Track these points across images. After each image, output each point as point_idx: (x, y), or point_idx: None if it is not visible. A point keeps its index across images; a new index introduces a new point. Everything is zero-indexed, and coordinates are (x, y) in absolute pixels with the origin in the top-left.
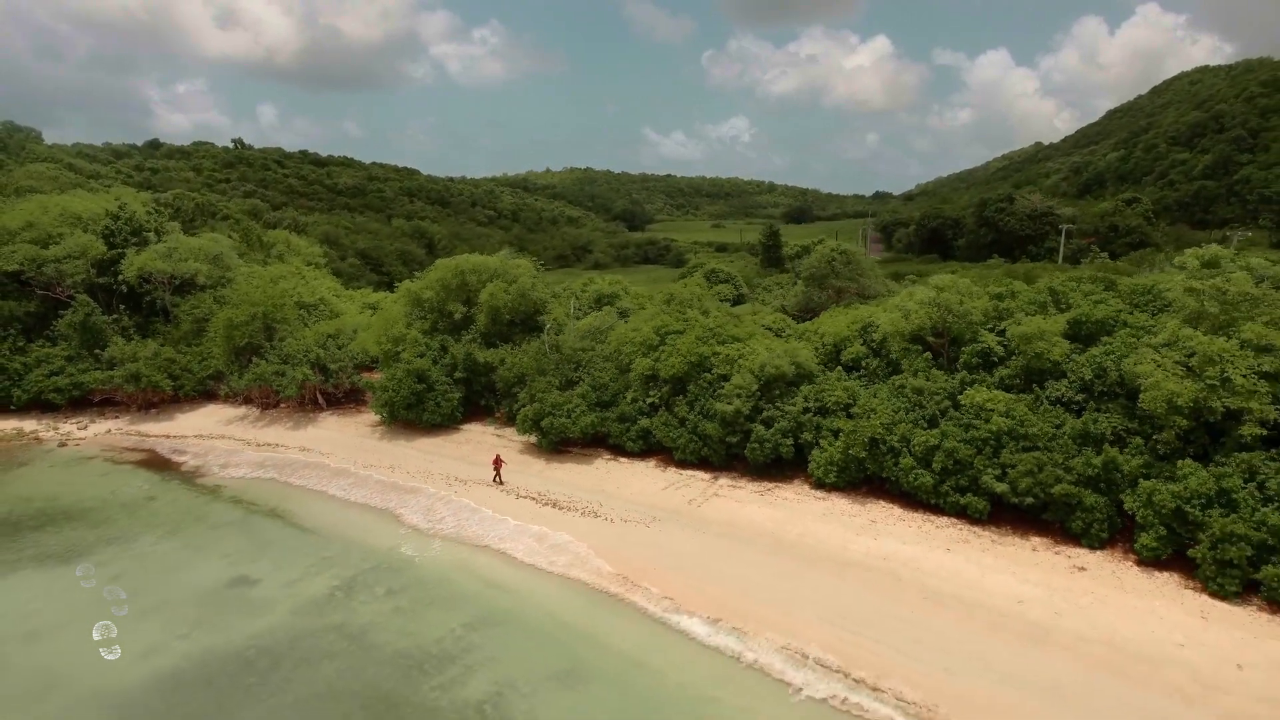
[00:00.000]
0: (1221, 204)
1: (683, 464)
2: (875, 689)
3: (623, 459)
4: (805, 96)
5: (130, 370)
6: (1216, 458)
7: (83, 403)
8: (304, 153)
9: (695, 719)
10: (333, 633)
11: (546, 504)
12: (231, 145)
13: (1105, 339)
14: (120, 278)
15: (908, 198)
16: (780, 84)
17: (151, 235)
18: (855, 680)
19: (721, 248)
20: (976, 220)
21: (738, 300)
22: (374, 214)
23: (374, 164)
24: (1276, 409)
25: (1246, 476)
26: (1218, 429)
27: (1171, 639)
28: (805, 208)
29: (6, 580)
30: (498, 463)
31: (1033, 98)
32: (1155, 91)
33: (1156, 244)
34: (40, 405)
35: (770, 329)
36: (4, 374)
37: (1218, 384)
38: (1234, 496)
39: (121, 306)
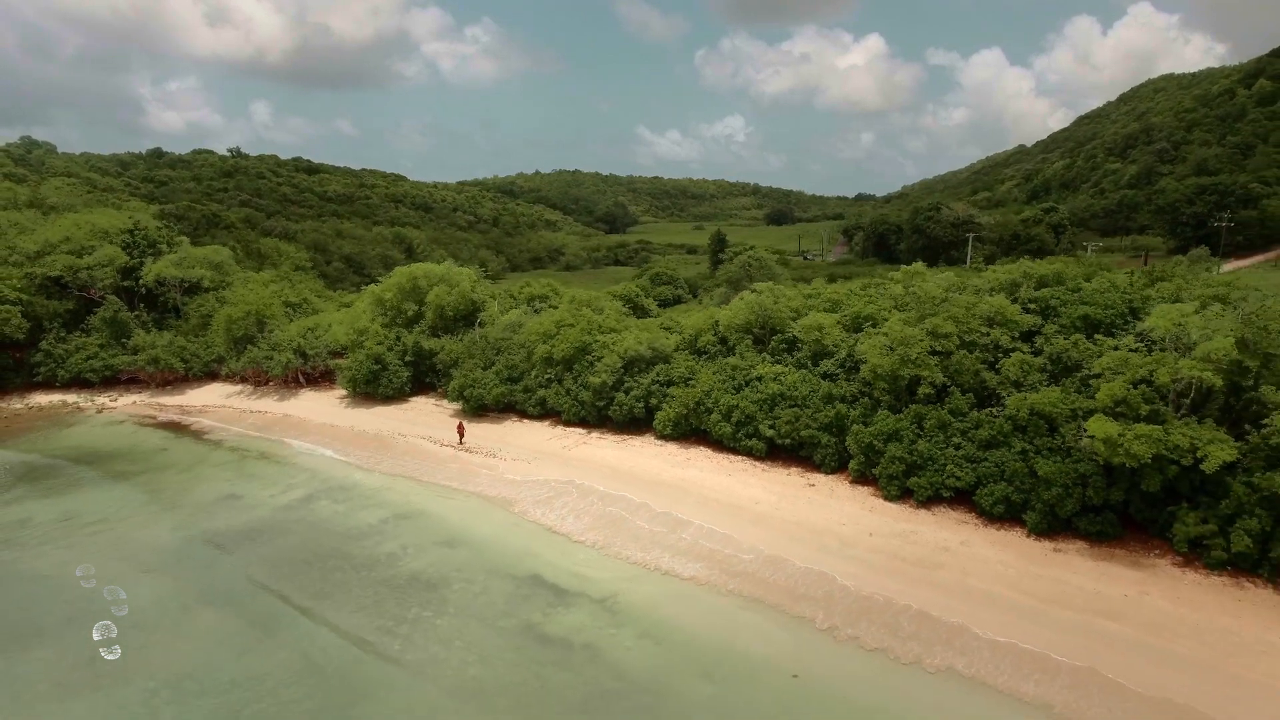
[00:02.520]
0: (1142, 213)
1: (569, 424)
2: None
3: (526, 421)
4: (799, 96)
5: (150, 355)
6: (904, 410)
7: (113, 381)
8: (297, 159)
9: (519, 564)
10: (296, 521)
11: (461, 449)
12: (229, 154)
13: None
14: (141, 282)
15: (886, 200)
16: (774, 83)
17: (164, 247)
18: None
19: (693, 250)
20: (910, 227)
21: (675, 300)
22: (361, 220)
23: (364, 170)
24: (944, 376)
25: (914, 420)
26: (912, 389)
27: (839, 521)
28: (786, 210)
29: (78, 493)
30: (460, 430)
31: (1027, 98)
32: (1123, 99)
33: (1052, 250)
34: (79, 383)
35: (673, 322)
36: (50, 358)
37: (904, 359)
38: (902, 433)
39: (142, 305)
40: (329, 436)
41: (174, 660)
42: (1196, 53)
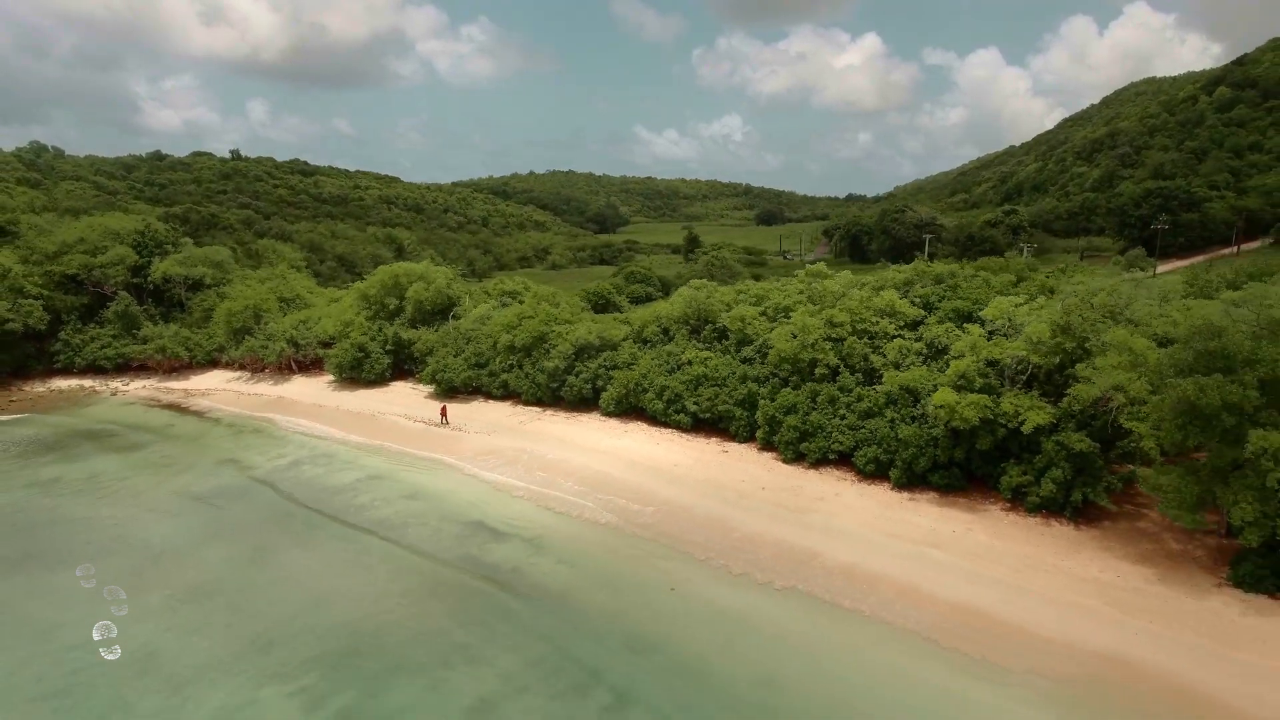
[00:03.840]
0: (1099, 215)
1: (527, 403)
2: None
3: (491, 401)
4: (796, 95)
5: (158, 345)
6: (803, 387)
7: (124, 367)
8: (294, 161)
9: (467, 512)
10: (286, 479)
11: (431, 425)
12: (229, 155)
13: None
14: (149, 279)
15: (875, 201)
16: (771, 83)
17: (170, 247)
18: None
19: (678, 249)
20: (879, 229)
21: (648, 298)
22: (355, 221)
23: (359, 172)
24: (838, 359)
25: (809, 395)
26: (811, 370)
27: (740, 478)
28: (776, 210)
29: (103, 456)
30: (444, 411)
31: (1024, 97)
32: (1105, 102)
33: (1003, 252)
34: (94, 369)
35: (632, 316)
36: (68, 347)
37: (804, 344)
38: (798, 406)
39: (150, 300)
40: (316, 414)
41: (189, 573)
42: (1192, 53)
